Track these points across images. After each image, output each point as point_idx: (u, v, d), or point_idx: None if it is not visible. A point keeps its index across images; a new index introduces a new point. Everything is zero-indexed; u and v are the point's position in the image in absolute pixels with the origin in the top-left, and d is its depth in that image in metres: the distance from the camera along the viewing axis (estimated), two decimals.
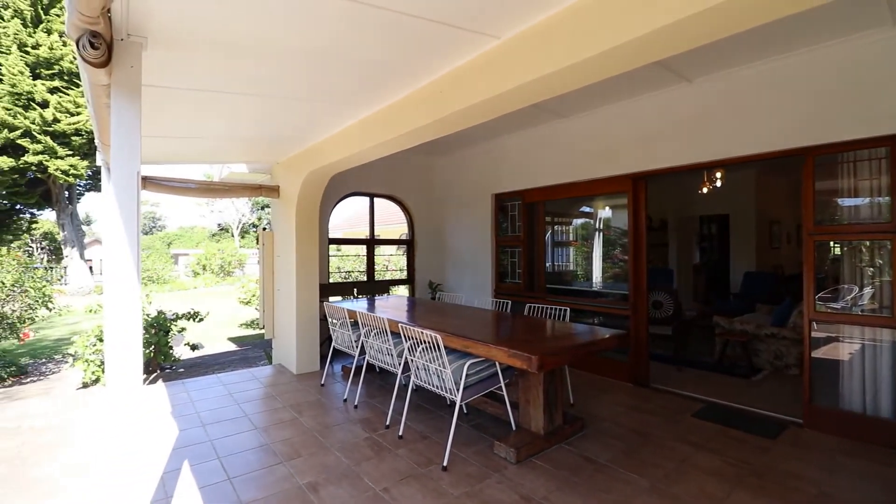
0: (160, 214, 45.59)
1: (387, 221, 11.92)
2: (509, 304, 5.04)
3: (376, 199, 6.93)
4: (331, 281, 6.60)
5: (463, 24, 2.34)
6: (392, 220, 12.09)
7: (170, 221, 46.28)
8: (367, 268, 6.72)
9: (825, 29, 3.30)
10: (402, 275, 7.66)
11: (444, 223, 7.32)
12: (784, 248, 9.33)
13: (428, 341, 3.26)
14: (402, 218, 7.39)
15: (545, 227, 6.21)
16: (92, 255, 26.44)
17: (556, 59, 2.27)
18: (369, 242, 6.76)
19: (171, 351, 5.88)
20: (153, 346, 5.77)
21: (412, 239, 7.16)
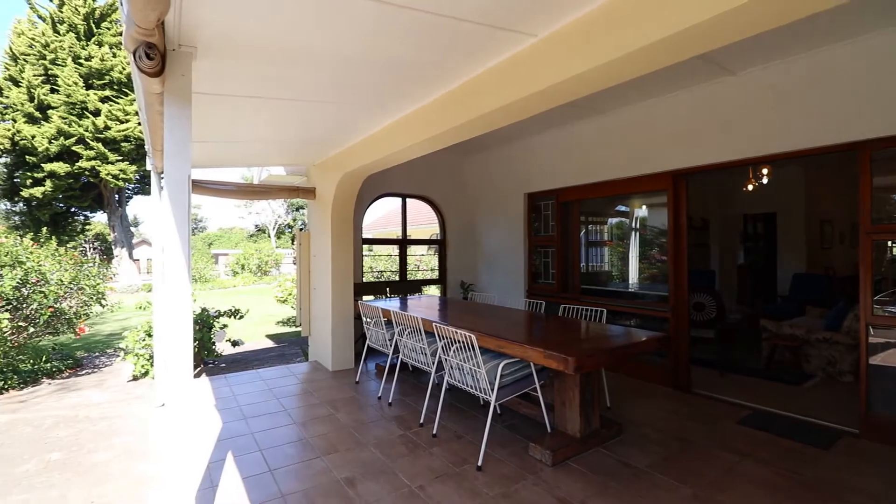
0: (202, 216, 47.65)
1: (418, 222, 12.03)
2: (543, 305, 4.99)
3: (408, 200, 7.00)
4: (364, 280, 6.71)
5: (499, 23, 2.33)
6: (423, 220, 12.19)
7: (210, 223, 48.30)
8: (399, 267, 6.80)
9: (881, 15, 3.09)
10: (434, 275, 7.70)
11: (475, 223, 7.31)
12: (836, 248, 8.80)
13: (462, 341, 3.27)
14: (433, 218, 7.44)
15: (580, 227, 6.10)
16: (139, 255, 27.89)
17: (594, 55, 2.23)
18: (401, 242, 6.84)
19: (213, 346, 6.13)
20: (197, 342, 6.02)
21: (444, 239, 7.19)
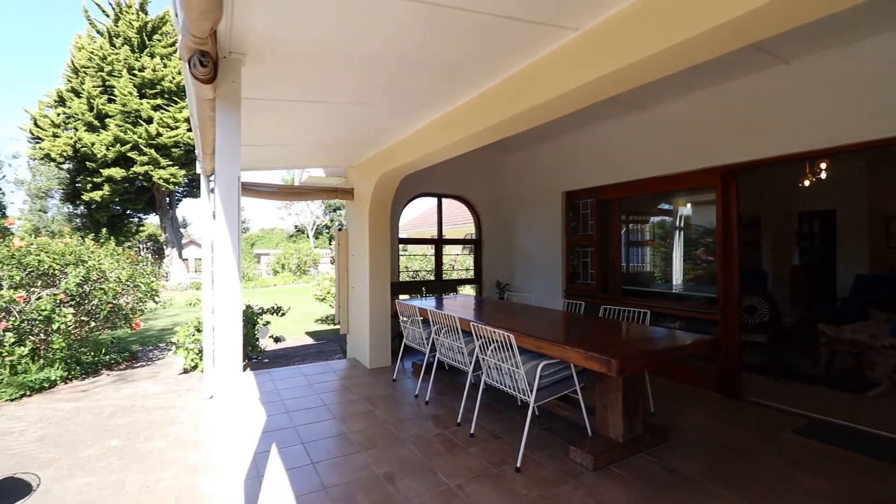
0: (245, 217, 49.72)
1: (452, 221, 12.05)
2: (582, 306, 4.88)
3: (443, 200, 7.02)
4: (400, 280, 6.79)
5: (539, 18, 2.29)
6: (457, 220, 12.21)
7: (253, 224, 50.23)
8: (434, 267, 6.84)
9: None
10: (469, 274, 7.69)
11: (511, 222, 7.24)
12: None
13: (500, 341, 3.24)
14: (468, 218, 7.43)
15: (620, 226, 5.93)
16: (188, 255, 29.34)
17: (639, 48, 2.15)
18: (437, 242, 6.87)
19: (257, 342, 6.37)
20: (242, 338, 6.28)
21: (479, 238, 7.17)
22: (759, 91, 4.09)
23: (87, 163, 19.22)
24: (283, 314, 7.08)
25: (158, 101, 19.84)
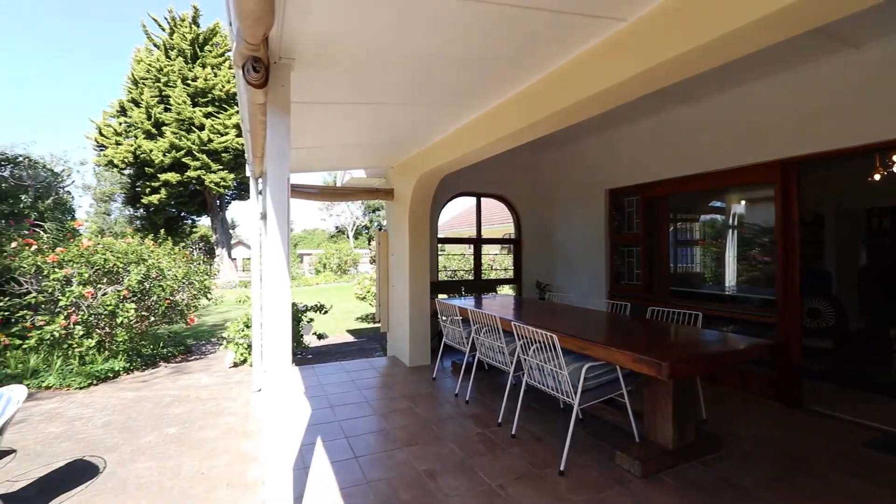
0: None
1: (489, 221, 11.98)
2: (628, 307, 4.71)
3: (481, 199, 6.99)
4: (438, 279, 6.82)
5: (585, 9, 2.23)
6: (494, 219, 12.13)
7: (296, 225, 52.01)
8: (473, 267, 6.82)
9: None
10: (508, 274, 7.62)
11: (552, 221, 7.11)
12: None
13: (542, 341, 3.19)
14: (505, 217, 7.37)
15: (668, 225, 5.69)
16: (236, 255, 30.75)
17: (690, 37, 2.05)
18: (476, 242, 6.85)
19: (301, 338, 6.57)
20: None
21: (519, 238, 7.09)
22: (825, 78, 3.81)
23: (145, 168, 20.53)
24: (326, 312, 7.27)
25: (210, 109, 20.91)
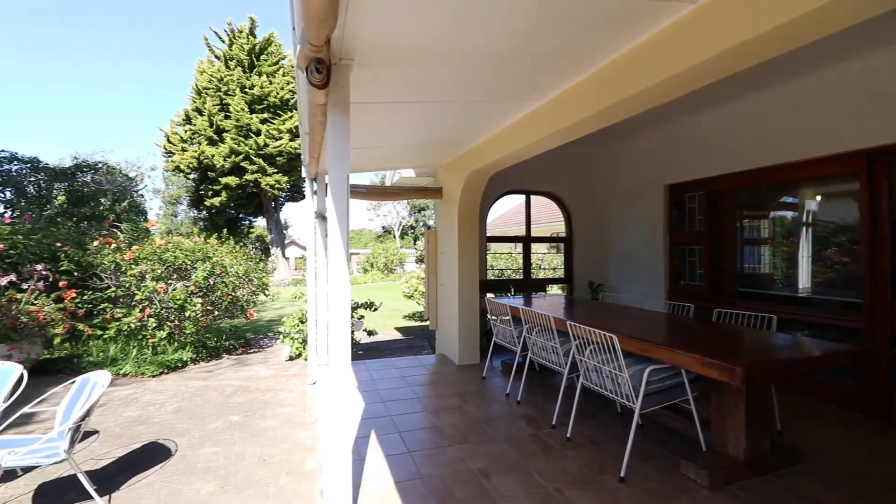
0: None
1: (536, 220, 11.73)
2: (692, 309, 4.46)
3: (523, 196, 6.86)
4: (487, 278, 6.77)
5: None
6: (542, 218, 11.89)
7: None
8: (522, 266, 6.72)
9: None
10: (557, 274, 7.45)
11: (606, 219, 6.87)
12: None
13: (600, 342, 3.08)
14: (553, 216, 7.22)
15: (735, 222, 5.33)
16: (289, 254, 32.11)
17: (767, 18, 1.88)
18: (525, 240, 6.75)
19: (353, 335, 6.74)
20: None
21: (570, 236, 6.91)
22: None
23: (208, 172, 21.89)
24: (376, 309, 7.42)
25: (265, 115, 21.98)
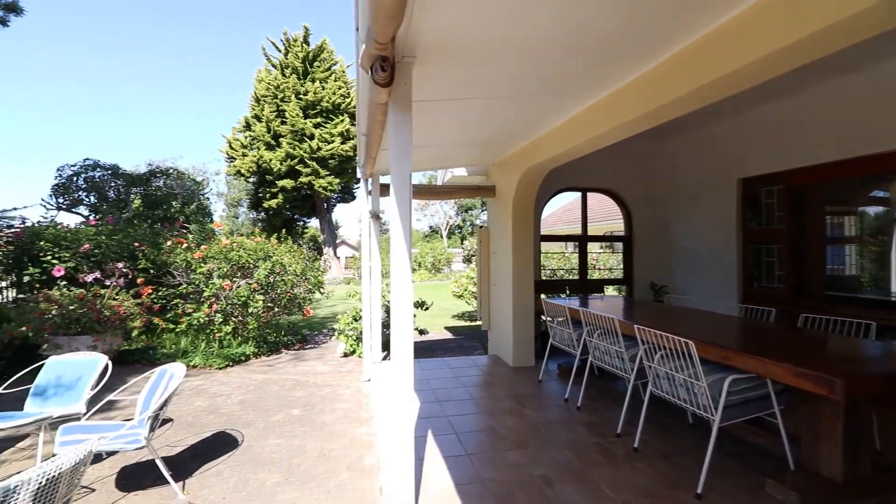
0: (384, 220, 54.28)
1: (590, 219, 11.38)
2: (772, 313, 4.10)
3: (575, 194, 6.61)
4: (540, 278, 6.61)
5: None
6: (595, 216, 11.47)
7: (389, 226, 54.66)
8: (579, 266, 6.50)
9: None
10: (612, 274, 7.14)
11: (670, 216, 6.49)
12: None
13: (673, 348, 2.88)
14: (606, 214, 6.93)
15: (821, 218, 4.85)
16: (340, 254, 33.10)
17: None
18: (582, 239, 6.51)
19: None
20: (390, 328, 6.77)
21: (630, 235, 6.60)
22: None
23: (266, 176, 23.01)
24: (427, 308, 7.45)
25: (318, 120, 22.79)
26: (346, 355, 6.90)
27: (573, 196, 6.75)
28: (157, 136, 72.60)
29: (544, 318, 4.91)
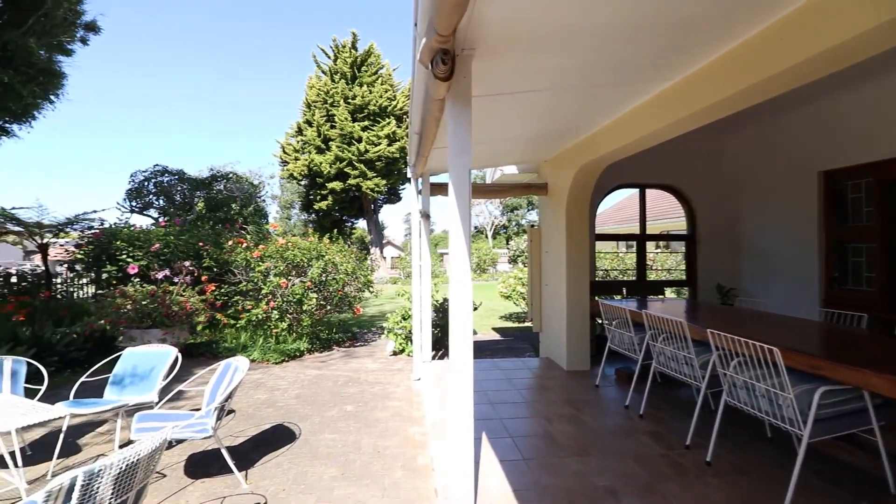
0: (433, 219, 54.80)
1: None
2: (864, 319, 3.68)
3: (627, 192, 6.29)
4: (595, 279, 6.36)
5: None
6: (650, 214, 10.96)
7: (436, 226, 55.08)
8: (636, 266, 6.19)
9: None
10: (669, 276, 6.75)
11: (739, 214, 6.03)
12: None
13: (753, 355, 2.64)
14: (664, 211, 6.56)
15: None
16: (386, 254, 33.71)
17: None
18: (640, 238, 6.20)
19: None
20: (438, 328, 6.75)
21: (693, 234, 6.21)
22: None
23: (316, 179, 23.82)
24: (476, 308, 7.38)
25: (365, 123, 23.33)
26: (395, 353, 6.96)
27: (624, 194, 6.44)
28: (218, 142, 77.42)
29: (599, 320, 4.69)
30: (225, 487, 3.03)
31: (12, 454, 2.90)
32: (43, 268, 7.51)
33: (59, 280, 8.63)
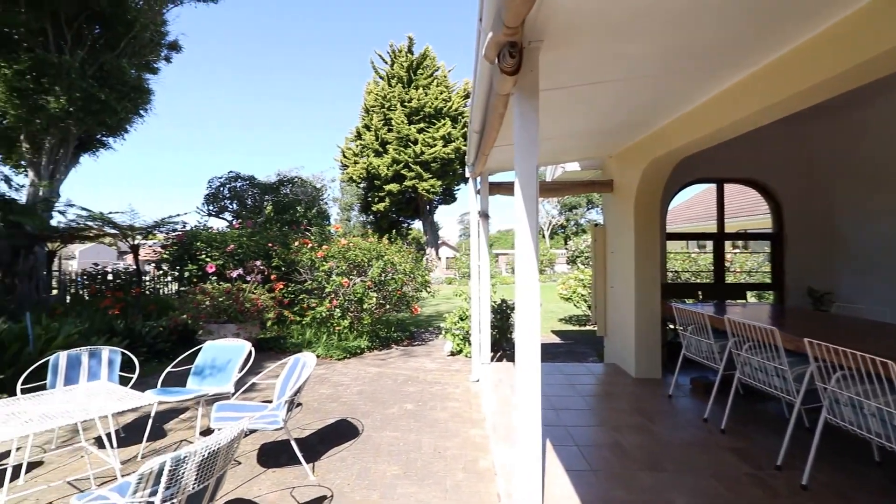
0: (491, 219, 54.65)
1: (714, 215, 10.08)
2: None
3: (698, 188, 5.81)
4: (666, 281, 5.97)
5: None
6: (726, 211, 10.15)
7: (491, 226, 54.81)
8: (714, 267, 5.73)
9: None
10: (749, 278, 6.19)
11: (832, 210, 5.40)
12: None
13: (862, 368, 2.32)
14: (741, 208, 6.02)
15: None
16: (441, 254, 33.99)
17: None
18: (718, 237, 5.74)
19: (512, 335, 6.63)
20: (496, 330, 6.65)
21: (780, 232, 5.64)
22: None
23: (374, 181, 24.49)
24: None
25: (421, 125, 23.65)
26: (452, 354, 6.95)
27: (694, 190, 5.99)
28: (285, 147, 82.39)
29: (671, 326, 4.38)
30: (294, 478, 3.14)
31: (109, 436, 3.18)
32: (134, 266, 8.28)
33: (147, 278, 9.51)
